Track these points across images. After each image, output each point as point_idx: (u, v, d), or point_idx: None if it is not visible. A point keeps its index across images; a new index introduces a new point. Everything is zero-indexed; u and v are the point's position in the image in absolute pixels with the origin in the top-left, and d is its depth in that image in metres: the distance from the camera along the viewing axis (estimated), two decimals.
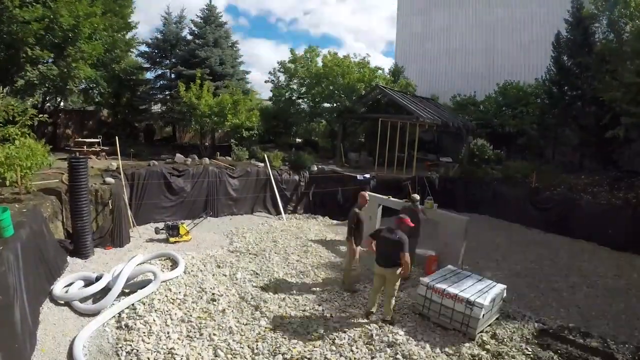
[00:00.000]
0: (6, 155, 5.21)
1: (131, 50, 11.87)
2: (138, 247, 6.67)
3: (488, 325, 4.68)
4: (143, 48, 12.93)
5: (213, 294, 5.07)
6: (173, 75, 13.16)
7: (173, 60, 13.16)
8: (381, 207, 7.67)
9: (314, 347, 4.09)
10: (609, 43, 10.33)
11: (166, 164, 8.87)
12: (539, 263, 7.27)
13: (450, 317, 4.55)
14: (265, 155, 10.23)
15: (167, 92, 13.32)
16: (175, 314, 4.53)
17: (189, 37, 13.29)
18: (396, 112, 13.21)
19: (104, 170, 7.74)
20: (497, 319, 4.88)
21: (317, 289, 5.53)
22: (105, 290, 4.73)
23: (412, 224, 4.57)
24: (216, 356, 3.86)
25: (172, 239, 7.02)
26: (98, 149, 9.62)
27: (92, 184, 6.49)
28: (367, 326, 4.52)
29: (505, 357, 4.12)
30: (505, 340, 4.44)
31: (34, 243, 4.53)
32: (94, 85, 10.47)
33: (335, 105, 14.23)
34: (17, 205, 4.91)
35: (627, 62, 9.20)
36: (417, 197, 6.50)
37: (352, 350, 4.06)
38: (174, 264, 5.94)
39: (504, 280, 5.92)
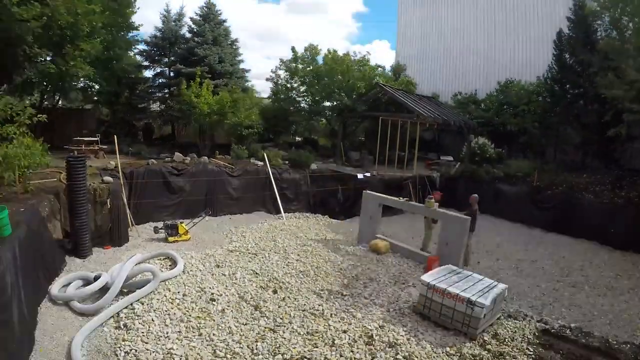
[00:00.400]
0: (4, 155, 5.17)
1: (130, 48, 11.80)
2: (137, 247, 6.65)
3: (489, 325, 4.65)
4: (142, 46, 12.88)
5: (212, 293, 5.05)
6: (172, 74, 13.09)
7: (172, 58, 13.08)
8: (381, 206, 7.63)
9: (314, 347, 4.06)
10: (611, 40, 10.23)
11: (165, 163, 8.84)
12: (540, 262, 7.24)
13: (451, 317, 4.52)
14: (265, 154, 10.18)
15: (165, 91, 13.26)
16: (174, 313, 4.51)
17: (188, 35, 13.21)
18: (397, 111, 13.14)
19: (103, 169, 7.70)
20: (498, 318, 4.85)
21: (317, 288, 5.50)
22: (104, 290, 4.71)
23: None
24: (215, 356, 3.84)
25: (171, 239, 6.99)
26: (96, 148, 9.58)
27: (90, 183, 6.46)
28: (367, 326, 4.50)
29: (507, 357, 4.09)
30: (506, 340, 4.41)
31: (32, 242, 4.50)
32: (93, 83, 10.41)
33: (335, 103, 14.17)
34: (15, 205, 4.88)
35: (630, 60, 9.11)
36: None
37: (352, 351, 4.03)
38: (173, 263, 5.91)
39: (505, 279, 5.90)
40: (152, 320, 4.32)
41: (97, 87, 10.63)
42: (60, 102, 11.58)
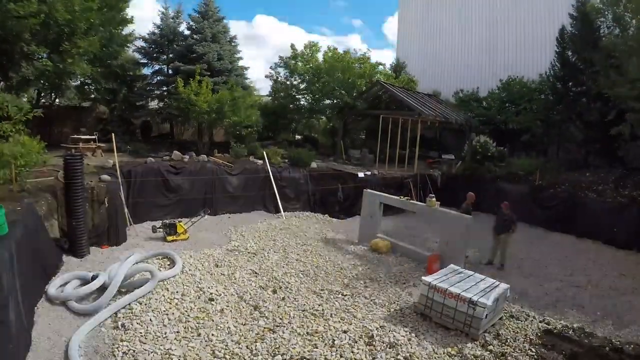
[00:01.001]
0: (0, 153, 5.11)
1: (128, 45, 11.70)
2: (135, 246, 6.59)
3: (491, 326, 4.60)
4: (140, 43, 12.75)
5: (211, 293, 5.00)
6: (170, 71, 12.98)
7: (170, 55, 12.96)
8: (382, 205, 7.57)
9: (314, 347, 4.02)
10: (614, 38, 10.12)
11: (164, 161, 8.77)
12: (542, 262, 7.18)
13: (452, 317, 4.47)
14: (265, 153, 10.11)
15: (164, 88, 13.14)
16: (173, 313, 4.47)
17: (187, 32, 13.09)
18: (398, 109, 13.05)
19: (100, 168, 7.64)
20: (500, 319, 4.80)
21: (317, 288, 5.45)
22: (102, 290, 4.66)
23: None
24: (214, 357, 3.80)
25: (169, 238, 6.94)
26: (94, 146, 9.50)
27: (88, 181, 6.39)
28: (367, 326, 4.45)
29: (509, 357, 4.05)
30: (508, 340, 4.36)
31: (29, 242, 4.45)
32: (90, 81, 10.32)
33: (335, 101, 14.07)
34: (11, 204, 4.82)
35: (633, 58, 9.01)
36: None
37: (352, 351, 3.99)
38: (172, 263, 5.86)
39: (507, 279, 5.84)
40: (150, 320, 4.28)
41: (95, 84, 10.52)
42: (57, 100, 11.50)
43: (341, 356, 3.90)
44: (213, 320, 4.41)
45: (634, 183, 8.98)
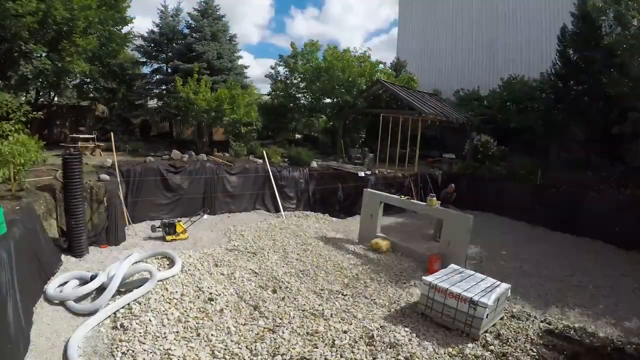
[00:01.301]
0: None
1: (127, 44, 11.64)
2: (134, 246, 6.57)
3: (492, 325, 4.58)
4: (139, 42, 12.69)
5: (210, 293, 4.98)
6: (169, 70, 12.93)
7: (169, 54, 12.91)
8: (382, 204, 7.54)
9: (314, 347, 4.00)
10: (615, 37, 10.07)
11: (163, 160, 8.74)
12: (544, 262, 7.16)
13: (453, 317, 4.45)
14: (264, 152, 10.08)
15: (163, 87, 13.09)
16: (172, 313, 4.45)
17: (186, 31, 13.03)
18: (398, 108, 13.02)
19: (99, 167, 7.61)
20: (501, 318, 4.78)
21: (317, 288, 5.43)
22: (100, 290, 4.64)
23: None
24: (214, 357, 3.78)
25: (168, 237, 6.91)
26: (93, 145, 9.46)
27: (86, 181, 6.37)
28: (368, 326, 4.43)
29: (510, 358, 4.02)
30: (509, 340, 4.34)
31: (27, 241, 4.43)
32: (89, 80, 10.28)
33: (335, 100, 14.03)
34: (10, 203, 4.79)
35: (635, 56, 8.96)
36: None
37: (352, 351, 3.97)
38: (171, 262, 5.83)
39: (508, 279, 5.82)
40: (150, 320, 4.26)
41: (93, 83, 10.47)
42: (56, 99, 11.45)
43: (341, 356, 3.88)
44: (212, 321, 4.39)
45: (636, 182, 8.95)
